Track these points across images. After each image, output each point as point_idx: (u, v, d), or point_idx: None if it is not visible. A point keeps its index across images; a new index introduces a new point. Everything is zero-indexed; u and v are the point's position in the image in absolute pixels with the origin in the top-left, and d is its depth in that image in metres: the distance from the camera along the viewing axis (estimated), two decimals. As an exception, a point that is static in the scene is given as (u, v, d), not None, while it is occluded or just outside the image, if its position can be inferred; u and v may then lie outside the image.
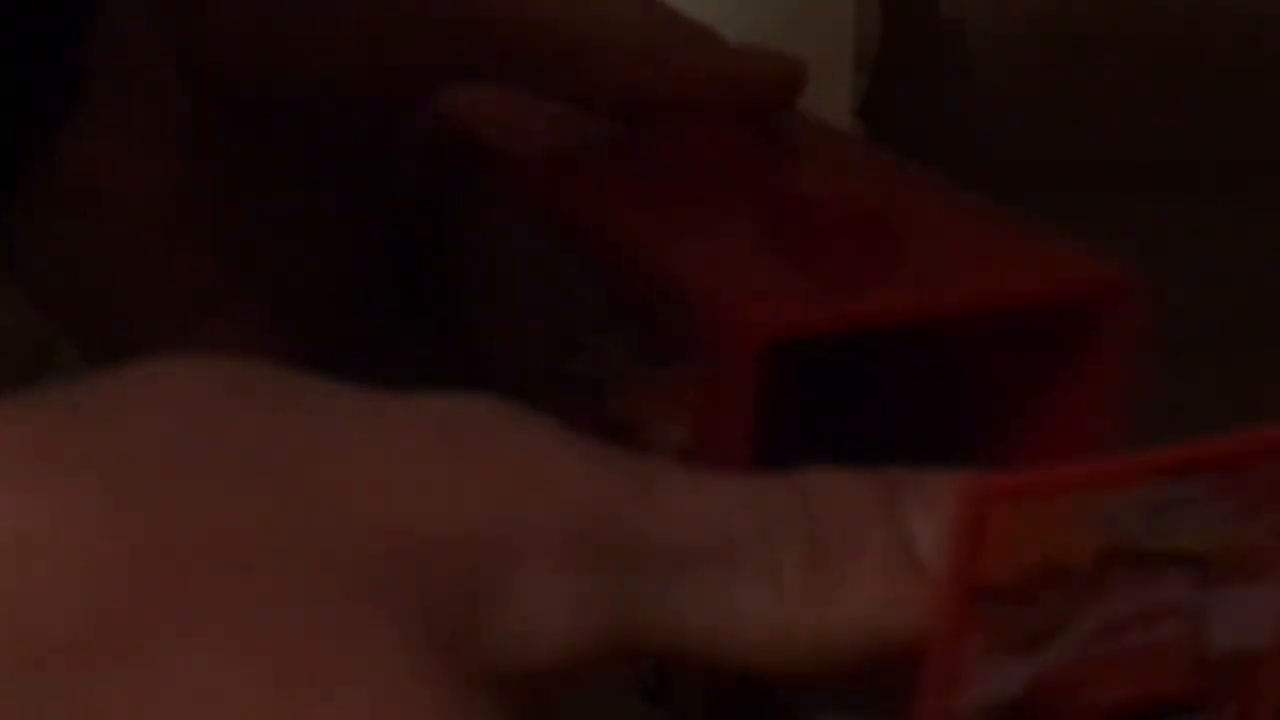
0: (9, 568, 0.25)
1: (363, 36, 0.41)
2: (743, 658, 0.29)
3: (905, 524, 0.29)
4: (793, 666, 0.29)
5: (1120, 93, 0.97)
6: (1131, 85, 0.97)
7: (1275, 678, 0.32)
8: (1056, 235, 0.36)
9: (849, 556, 0.29)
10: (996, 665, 0.30)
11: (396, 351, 0.47)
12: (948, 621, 0.28)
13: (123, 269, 0.42)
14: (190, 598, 0.25)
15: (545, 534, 0.27)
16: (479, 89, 0.44)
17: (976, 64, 0.94)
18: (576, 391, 0.40)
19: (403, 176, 0.45)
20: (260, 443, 0.26)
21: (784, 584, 0.28)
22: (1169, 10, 0.96)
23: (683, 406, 0.36)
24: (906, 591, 0.28)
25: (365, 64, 0.41)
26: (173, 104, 0.42)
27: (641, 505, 0.28)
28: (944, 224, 0.38)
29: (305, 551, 0.25)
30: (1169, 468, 0.29)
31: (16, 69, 0.41)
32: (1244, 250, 0.97)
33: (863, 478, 0.29)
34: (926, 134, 0.91)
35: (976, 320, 0.37)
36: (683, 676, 0.40)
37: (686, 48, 0.41)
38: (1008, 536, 0.28)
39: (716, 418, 0.35)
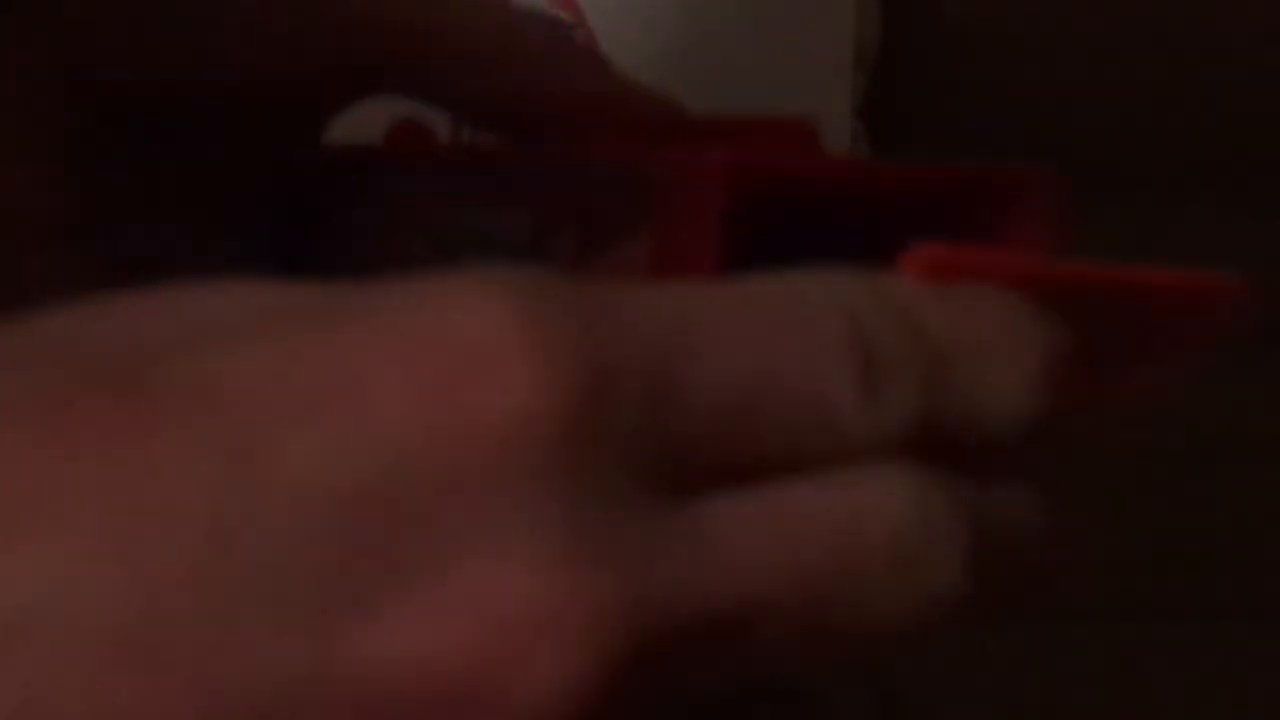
0: None
1: (254, 41, 0.41)
2: None
3: None
4: None
5: (1122, 93, 0.97)
6: (1133, 86, 0.97)
7: None
8: None
9: None
10: None
11: None
12: None
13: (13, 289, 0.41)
14: None
15: None
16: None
17: (976, 64, 0.94)
18: None
19: (294, 195, 0.45)
20: None
21: None
22: (1172, 12, 0.96)
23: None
24: None
25: (257, 70, 0.41)
26: (57, 120, 0.41)
27: None
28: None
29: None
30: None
31: None
32: (1243, 250, 0.97)
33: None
34: (926, 134, 0.91)
35: (915, 195, 0.40)
36: None
37: (579, 61, 0.42)
38: None
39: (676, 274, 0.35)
